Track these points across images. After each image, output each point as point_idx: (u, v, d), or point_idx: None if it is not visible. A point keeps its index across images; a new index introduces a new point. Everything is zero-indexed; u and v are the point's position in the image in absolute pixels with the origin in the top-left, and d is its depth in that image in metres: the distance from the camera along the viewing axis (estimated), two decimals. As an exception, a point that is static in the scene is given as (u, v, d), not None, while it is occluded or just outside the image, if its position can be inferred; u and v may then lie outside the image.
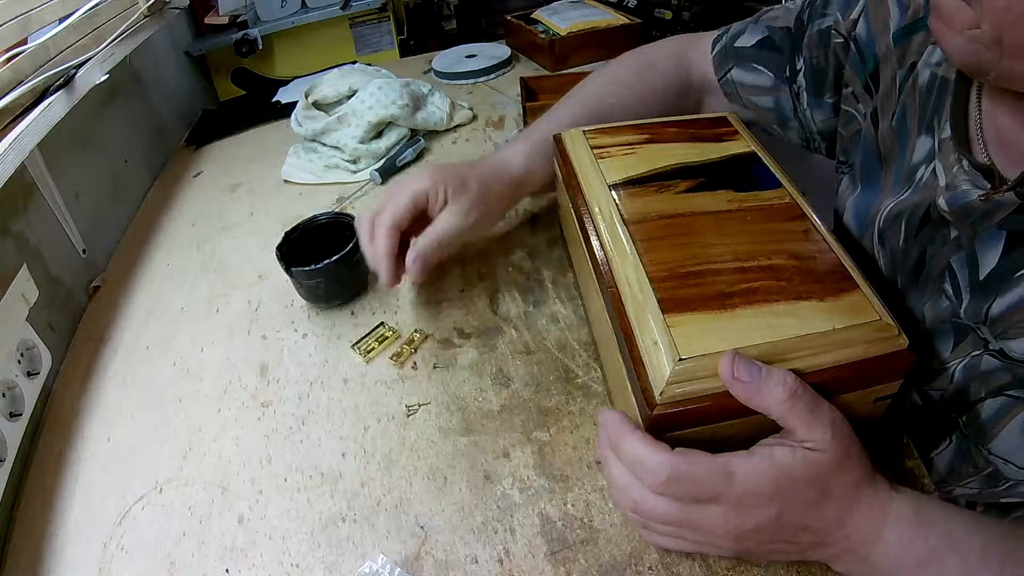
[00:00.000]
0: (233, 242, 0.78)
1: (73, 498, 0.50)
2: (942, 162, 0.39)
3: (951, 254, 0.38)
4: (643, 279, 0.40)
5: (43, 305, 0.61)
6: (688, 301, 0.38)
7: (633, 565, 0.40)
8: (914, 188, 0.42)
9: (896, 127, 0.45)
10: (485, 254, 0.69)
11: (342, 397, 0.55)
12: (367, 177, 0.85)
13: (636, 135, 0.54)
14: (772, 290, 0.38)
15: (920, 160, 0.42)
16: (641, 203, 0.46)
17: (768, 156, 0.51)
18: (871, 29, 0.47)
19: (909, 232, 0.42)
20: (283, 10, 1.25)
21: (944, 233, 0.39)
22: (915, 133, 0.43)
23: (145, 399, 0.58)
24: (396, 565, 0.41)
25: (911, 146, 0.43)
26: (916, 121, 0.43)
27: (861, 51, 0.48)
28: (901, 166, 0.44)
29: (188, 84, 1.20)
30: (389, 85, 0.89)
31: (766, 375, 0.33)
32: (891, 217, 0.43)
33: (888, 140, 0.46)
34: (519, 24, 1.20)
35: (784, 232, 0.43)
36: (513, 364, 0.55)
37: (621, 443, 0.35)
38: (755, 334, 0.36)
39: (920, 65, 0.42)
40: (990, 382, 0.37)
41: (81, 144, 0.79)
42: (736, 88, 0.59)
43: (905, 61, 0.44)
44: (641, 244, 0.43)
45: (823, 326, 0.36)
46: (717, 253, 0.41)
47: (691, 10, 1.85)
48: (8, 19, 0.70)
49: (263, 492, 0.48)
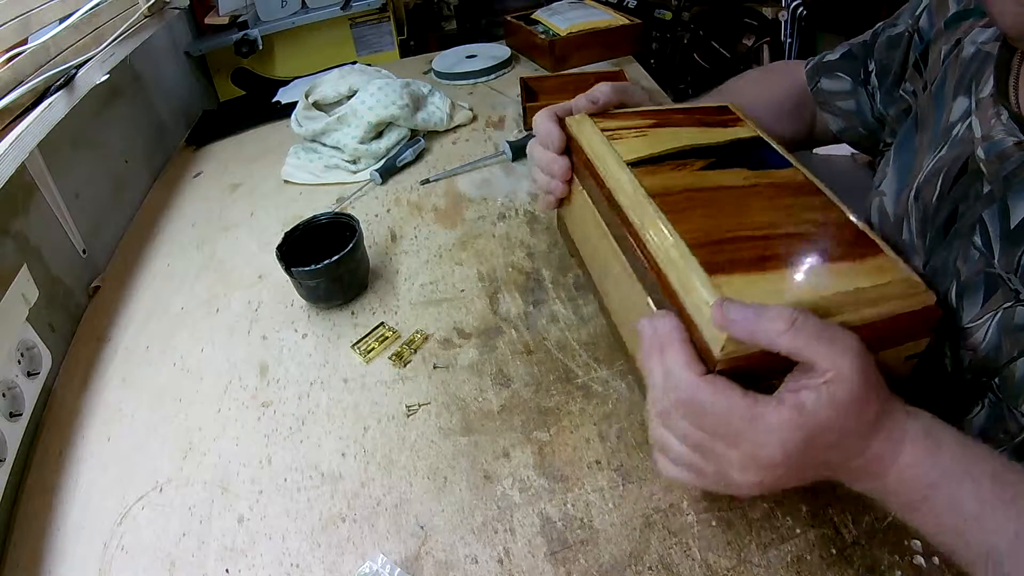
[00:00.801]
0: (233, 242, 0.78)
1: (73, 498, 0.50)
2: (979, 117, 0.41)
3: (983, 208, 0.39)
4: (682, 247, 0.41)
5: (43, 305, 0.61)
6: (727, 264, 0.39)
7: (633, 565, 0.40)
8: (951, 143, 0.44)
9: (935, 92, 0.47)
10: (485, 254, 0.69)
11: (342, 397, 0.55)
12: (367, 177, 0.85)
13: (643, 120, 0.55)
14: (801, 254, 0.40)
15: (956, 119, 0.44)
16: (661, 179, 0.47)
17: (774, 140, 0.52)
18: (931, 18, 0.51)
19: (944, 187, 0.43)
20: (283, 10, 1.25)
21: (977, 188, 0.40)
22: (951, 97, 0.45)
23: (145, 399, 0.58)
24: (396, 565, 0.41)
25: (947, 108, 0.45)
26: (954, 85, 0.45)
27: (921, 36, 0.52)
28: (937, 127, 0.46)
29: (188, 84, 1.20)
30: (389, 85, 0.89)
31: (760, 311, 0.33)
32: (930, 173, 0.45)
33: (925, 106, 0.48)
34: (519, 24, 1.20)
35: (803, 205, 0.45)
36: (513, 364, 0.55)
37: (667, 347, 0.36)
38: (794, 293, 0.37)
39: (966, 42, 0.45)
40: (1021, 340, 0.37)
41: (81, 144, 0.79)
42: (825, 96, 0.63)
43: (952, 39, 0.47)
44: (671, 215, 0.44)
45: (852, 285, 0.37)
46: (744, 223, 0.43)
47: (691, 10, 1.85)
48: (8, 19, 0.70)
49: (263, 492, 0.48)
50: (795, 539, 0.40)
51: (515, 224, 0.73)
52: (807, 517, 0.41)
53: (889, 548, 0.39)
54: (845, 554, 0.39)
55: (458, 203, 0.79)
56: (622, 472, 0.46)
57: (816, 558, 0.39)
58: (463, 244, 0.71)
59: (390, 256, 0.71)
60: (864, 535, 0.40)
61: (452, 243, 0.71)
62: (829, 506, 0.42)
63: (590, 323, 0.58)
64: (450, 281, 0.66)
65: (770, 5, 1.81)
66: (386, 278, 0.68)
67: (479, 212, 0.76)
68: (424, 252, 0.71)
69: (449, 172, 0.85)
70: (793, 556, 0.40)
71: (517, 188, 0.80)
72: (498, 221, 0.74)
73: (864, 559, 0.39)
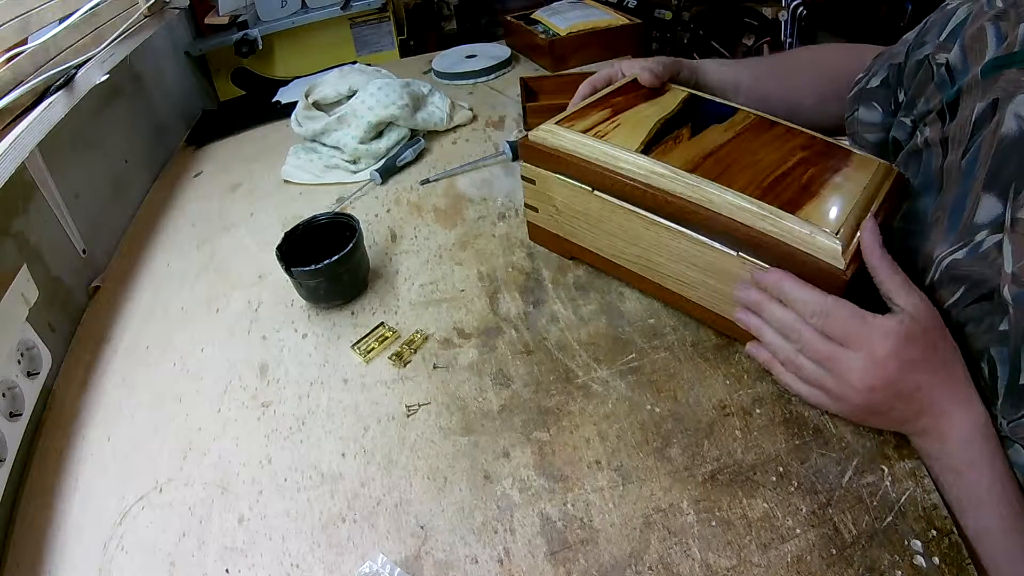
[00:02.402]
0: (233, 242, 0.78)
1: (73, 498, 0.50)
2: (1014, 242, 0.36)
3: (993, 342, 0.39)
4: (752, 200, 0.46)
5: (43, 305, 0.61)
6: (790, 201, 0.46)
7: (633, 565, 0.40)
8: (972, 251, 0.40)
9: (965, 168, 0.42)
10: (485, 254, 0.69)
11: (342, 397, 0.55)
12: (367, 177, 0.85)
13: (601, 111, 0.58)
14: (819, 176, 0.48)
15: (984, 223, 0.40)
16: (678, 155, 0.51)
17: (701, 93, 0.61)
18: (965, 56, 0.44)
19: (963, 301, 0.41)
20: (283, 10, 1.25)
21: (993, 320, 0.38)
22: (981, 186, 0.40)
23: (145, 399, 0.58)
24: (396, 565, 0.41)
25: (974, 199, 0.41)
26: (985, 173, 0.40)
27: (952, 75, 0.45)
28: (958, 215, 0.42)
29: (188, 84, 1.20)
30: (389, 85, 0.89)
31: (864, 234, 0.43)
32: (949, 277, 0.42)
33: (952, 175, 0.44)
34: (519, 24, 1.20)
35: (778, 138, 0.53)
36: (513, 364, 0.55)
37: (784, 287, 0.44)
38: (842, 207, 0.45)
39: (1008, 111, 0.38)
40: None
41: (81, 144, 0.79)
42: (856, 126, 0.61)
43: (987, 96, 0.41)
44: (719, 180, 0.48)
45: (861, 184, 0.47)
46: (763, 166, 0.49)
47: (691, 10, 1.85)
48: (8, 19, 0.70)
49: (263, 492, 0.48)
50: (795, 539, 0.40)
51: (515, 224, 0.73)
52: (807, 517, 0.41)
53: (889, 548, 0.39)
54: (845, 554, 0.39)
55: (458, 203, 0.79)
56: (622, 472, 0.46)
57: (816, 558, 0.39)
58: (463, 244, 0.71)
59: (390, 256, 0.71)
60: (864, 535, 0.40)
61: (452, 243, 0.71)
62: (829, 506, 0.42)
63: (590, 323, 0.58)
64: (450, 281, 0.66)
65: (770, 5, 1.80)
66: (386, 278, 0.68)
67: (479, 212, 0.76)
68: (424, 252, 0.71)
69: (449, 172, 0.85)
70: (793, 556, 0.40)
71: (517, 188, 0.80)
72: (498, 221, 0.74)
73: (864, 559, 0.39)
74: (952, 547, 0.39)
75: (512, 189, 0.80)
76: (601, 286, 0.62)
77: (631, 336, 0.56)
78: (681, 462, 0.46)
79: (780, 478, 0.44)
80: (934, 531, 0.40)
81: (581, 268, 0.65)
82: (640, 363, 0.54)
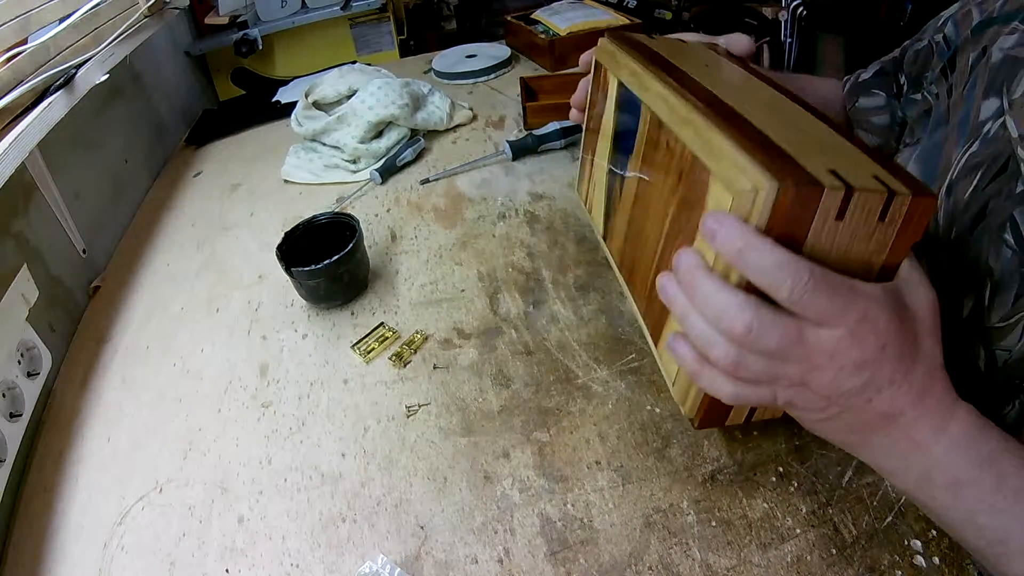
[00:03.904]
0: (233, 242, 0.78)
1: (73, 498, 0.50)
2: (1014, 117, 0.41)
3: (1015, 207, 0.39)
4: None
5: (43, 305, 0.61)
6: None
7: (633, 565, 0.40)
8: (982, 140, 0.44)
9: (965, 94, 0.48)
10: (485, 254, 0.69)
11: (342, 397, 0.55)
12: (367, 177, 0.85)
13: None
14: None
15: (987, 118, 0.44)
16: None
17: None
18: (957, 28, 0.53)
19: (981, 183, 0.43)
20: (283, 10, 1.25)
21: (1011, 187, 0.40)
22: (980, 97, 0.46)
23: (145, 399, 0.58)
24: (396, 565, 0.41)
25: (976, 108, 0.46)
26: (983, 88, 0.46)
27: (948, 43, 0.53)
28: (966, 124, 0.47)
29: (188, 84, 1.20)
30: (389, 85, 0.89)
31: None
32: (967, 168, 0.45)
33: (957, 105, 0.49)
34: (519, 24, 1.20)
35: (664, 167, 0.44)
36: (513, 364, 0.55)
37: (751, 247, 0.31)
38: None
39: (993, 49, 0.46)
40: None
41: (81, 144, 0.79)
42: (861, 114, 0.63)
43: (979, 46, 0.49)
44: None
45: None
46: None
47: (691, 10, 1.85)
48: (8, 19, 0.70)
49: (263, 492, 0.48)
50: (795, 539, 0.40)
51: (515, 224, 0.73)
52: (807, 517, 0.41)
53: (889, 548, 0.39)
54: (845, 554, 0.39)
55: (458, 203, 0.79)
56: (622, 472, 0.46)
57: (816, 558, 0.39)
58: (463, 244, 0.71)
59: (390, 256, 0.71)
60: (864, 535, 0.40)
61: (452, 243, 0.71)
62: (829, 506, 0.42)
63: (590, 323, 0.58)
64: (450, 281, 0.66)
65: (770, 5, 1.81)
66: (386, 278, 0.68)
67: (479, 212, 0.76)
68: (424, 252, 0.71)
69: (449, 172, 0.85)
70: (793, 556, 0.40)
71: (517, 188, 0.80)
72: (498, 221, 0.74)
73: (864, 559, 0.39)
74: (952, 547, 0.39)
75: (512, 189, 0.80)
76: (601, 286, 0.62)
77: (631, 336, 0.56)
78: (681, 462, 0.46)
79: (780, 478, 0.44)
80: (934, 531, 0.40)
81: (581, 268, 0.65)
82: (640, 363, 0.54)
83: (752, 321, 0.32)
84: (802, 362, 0.32)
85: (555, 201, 0.77)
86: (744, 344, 0.32)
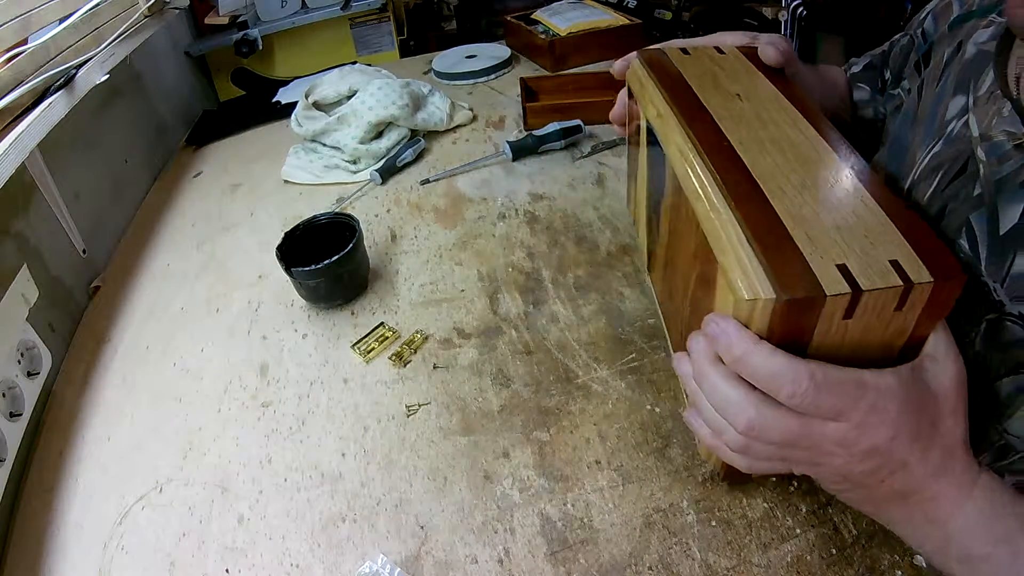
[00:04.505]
0: (233, 242, 0.78)
1: (73, 498, 0.50)
2: (977, 114, 0.41)
3: (971, 211, 0.39)
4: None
5: (43, 305, 0.61)
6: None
7: (633, 565, 0.40)
8: (945, 139, 0.43)
9: (938, 92, 0.47)
10: (485, 254, 0.69)
11: (342, 397, 0.55)
12: (367, 177, 0.85)
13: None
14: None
15: (952, 116, 0.44)
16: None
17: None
18: (936, 22, 0.52)
19: (940, 186, 0.42)
20: (283, 10, 1.25)
21: (968, 189, 0.39)
22: (950, 95, 0.45)
23: (145, 399, 0.58)
24: (396, 565, 0.41)
25: (944, 105, 0.45)
26: (953, 84, 0.45)
27: (925, 36, 0.53)
28: (932, 122, 0.46)
29: (188, 84, 1.20)
30: (389, 85, 0.89)
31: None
32: (928, 169, 0.44)
33: (927, 104, 0.48)
34: (519, 24, 1.20)
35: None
36: (513, 364, 0.55)
37: (749, 355, 0.31)
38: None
39: (968, 44, 0.45)
40: (1009, 358, 0.36)
41: (81, 144, 0.79)
42: (854, 108, 0.63)
43: (955, 41, 0.47)
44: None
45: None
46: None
47: (691, 10, 1.85)
48: (8, 19, 0.70)
49: (263, 492, 0.48)
50: (795, 539, 0.40)
51: (515, 224, 0.73)
52: (807, 517, 0.41)
53: (889, 548, 0.39)
54: (845, 554, 0.39)
55: (458, 203, 0.79)
56: (622, 472, 0.46)
57: (816, 558, 0.39)
58: (463, 244, 0.71)
59: (390, 256, 0.71)
60: (864, 535, 0.40)
61: (452, 243, 0.71)
62: (829, 506, 0.42)
63: (590, 323, 0.58)
64: (450, 281, 0.66)
65: (770, 5, 1.81)
66: (386, 278, 0.68)
67: (479, 212, 0.76)
68: (424, 252, 0.71)
69: (449, 172, 0.85)
70: (793, 556, 0.40)
71: (517, 188, 0.80)
72: (498, 221, 0.74)
73: (864, 559, 0.39)
74: (952, 547, 0.39)
75: (512, 189, 0.80)
76: (601, 286, 0.62)
77: (631, 336, 0.56)
78: (681, 462, 0.46)
79: (780, 478, 0.44)
80: (934, 531, 0.40)
81: (581, 268, 0.65)
82: (640, 363, 0.54)
83: (753, 419, 0.32)
84: (811, 450, 0.33)
85: (555, 201, 0.77)
86: (748, 436, 0.33)
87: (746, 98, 0.44)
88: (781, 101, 0.43)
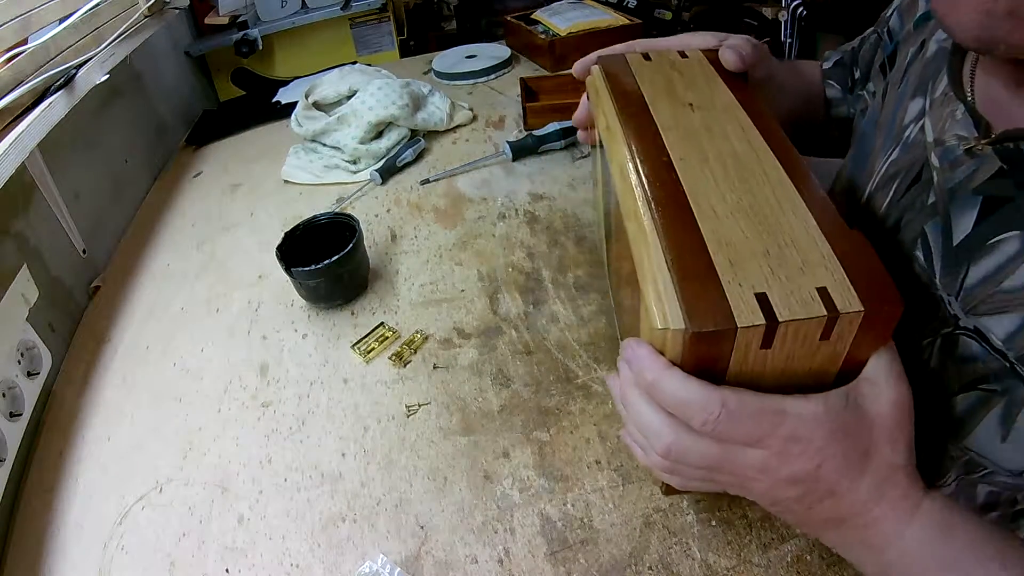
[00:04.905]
0: (233, 242, 0.78)
1: (73, 498, 0.50)
2: (932, 118, 0.39)
3: (925, 220, 0.37)
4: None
5: (43, 305, 0.61)
6: None
7: (633, 565, 0.40)
8: (903, 145, 0.42)
9: (899, 93, 0.46)
10: (485, 254, 0.69)
11: (342, 397, 0.55)
12: (367, 177, 0.85)
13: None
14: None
15: (910, 120, 0.42)
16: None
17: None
18: (902, 19, 0.50)
19: (897, 195, 0.41)
20: (283, 10, 1.25)
21: (923, 198, 0.38)
22: (909, 97, 0.43)
23: (145, 399, 0.58)
24: (396, 565, 0.41)
25: (904, 108, 0.44)
26: (913, 86, 0.43)
27: (891, 36, 0.51)
28: (892, 127, 0.45)
29: (188, 84, 1.20)
30: (389, 85, 0.90)
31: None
32: (886, 178, 0.43)
33: (889, 107, 0.47)
34: (519, 24, 1.20)
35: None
36: (513, 364, 0.55)
37: (660, 381, 0.31)
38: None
39: (931, 42, 0.44)
40: (964, 373, 0.35)
41: (81, 144, 0.79)
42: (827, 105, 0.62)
43: (918, 39, 0.46)
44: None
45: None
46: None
47: (691, 10, 1.85)
48: (8, 19, 0.70)
49: (263, 492, 0.48)
50: (795, 539, 0.40)
51: (515, 224, 0.73)
52: (807, 517, 0.41)
53: (889, 548, 0.39)
54: (845, 554, 0.39)
55: (458, 203, 0.79)
56: (622, 472, 0.46)
57: (816, 558, 0.39)
58: (463, 244, 0.71)
59: (390, 256, 0.71)
60: (864, 535, 0.40)
61: (452, 243, 0.71)
62: (829, 506, 0.42)
63: (590, 323, 0.58)
64: (450, 281, 0.66)
65: (770, 5, 1.80)
66: (386, 278, 0.68)
67: (479, 212, 0.76)
68: (424, 252, 0.71)
69: (449, 172, 0.85)
70: (793, 556, 0.40)
71: (517, 188, 0.80)
72: (498, 221, 0.74)
73: (864, 559, 0.39)
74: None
75: (512, 189, 0.80)
76: (601, 286, 0.62)
77: (631, 336, 0.56)
78: (681, 462, 0.46)
79: (780, 478, 0.44)
80: (934, 531, 0.40)
81: (581, 268, 0.65)
82: (640, 363, 0.54)
83: (671, 445, 0.32)
84: (734, 474, 0.32)
85: (555, 201, 0.77)
86: (669, 460, 0.33)
87: (699, 107, 0.42)
88: (735, 111, 0.41)
